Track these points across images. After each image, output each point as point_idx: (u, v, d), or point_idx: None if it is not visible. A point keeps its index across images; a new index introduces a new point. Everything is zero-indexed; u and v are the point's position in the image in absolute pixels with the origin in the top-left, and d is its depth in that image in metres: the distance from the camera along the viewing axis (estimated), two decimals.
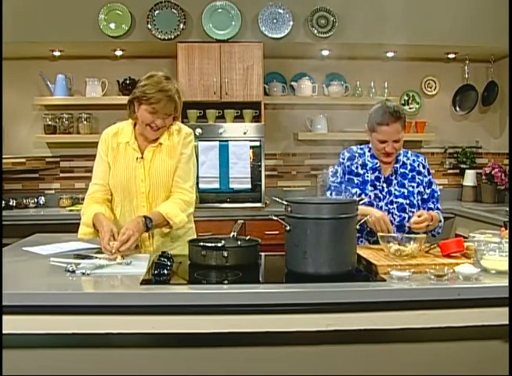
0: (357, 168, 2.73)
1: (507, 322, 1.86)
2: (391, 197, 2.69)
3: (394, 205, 2.68)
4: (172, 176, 2.50)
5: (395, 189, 2.69)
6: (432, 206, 2.74)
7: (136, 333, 1.85)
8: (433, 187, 2.77)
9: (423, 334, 1.93)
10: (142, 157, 2.48)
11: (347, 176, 2.74)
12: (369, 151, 2.75)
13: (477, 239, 2.33)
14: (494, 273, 2.04)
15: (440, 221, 2.71)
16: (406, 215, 2.67)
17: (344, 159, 2.78)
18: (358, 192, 2.67)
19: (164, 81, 2.38)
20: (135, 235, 2.27)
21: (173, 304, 1.84)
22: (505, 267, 2.02)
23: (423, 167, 2.76)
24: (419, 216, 2.52)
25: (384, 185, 2.70)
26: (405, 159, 2.75)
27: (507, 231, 2.42)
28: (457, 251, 2.22)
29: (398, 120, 2.59)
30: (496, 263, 2.05)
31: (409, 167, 2.73)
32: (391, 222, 2.64)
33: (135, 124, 2.53)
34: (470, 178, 4.88)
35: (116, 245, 2.22)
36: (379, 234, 2.38)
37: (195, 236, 2.66)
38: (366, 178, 2.71)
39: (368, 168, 2.72)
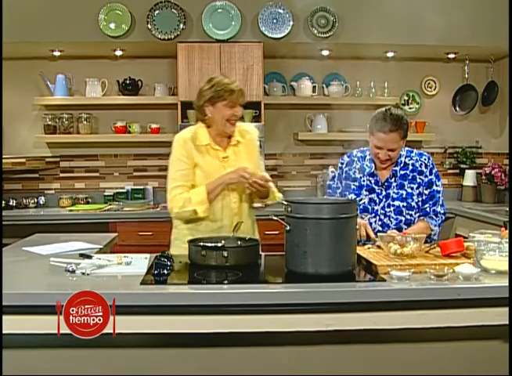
0: (354, 172, 2.72)
1: (507, 322, 1.86)
2: (388, 200, 2.65)
3: (391, 208, 2.64)
4: (254, 170, 2.66)
5: (393, 192, 2.66)
6: (428, 209, 2.66)
7: (136, 333, 1.85)
8: (433, 188, 2.67)
9: (423, 334, 1.94)
10: (227, 156, 2.65)
11: (344, 182, 2.73)
12: (369, 154, 2.71)
13: (477, 239, 2.32)
14: (494, 273, 2.04)
15: (432, 229, 2.65)
16: (403, 218, 2.64)
17: (343, 164, 2.77)
18: (354, 197, 2.64)
19: (225, 78, 2.63)
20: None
21: (173, 304, 1.84)
22: (505, 267, 2.02)
23: (426, 166, 2.68)
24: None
25: (383, 188, 2.67)
26: (407, 160, 2.68)
27: (507, 231, 2.42)
28: (457, 251, 2.22)
29: (397, 130, 2.53)
30: (496, 263, 2.05)
31: (410, 167, 2.68)
32: (388, 225, 2.64)
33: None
34: (470, 178, 4.88)
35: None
36: (379, 234, 2.39)
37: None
38: (362, 182, 2.69)
39: (365, 172, 2.69)
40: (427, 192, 2.67)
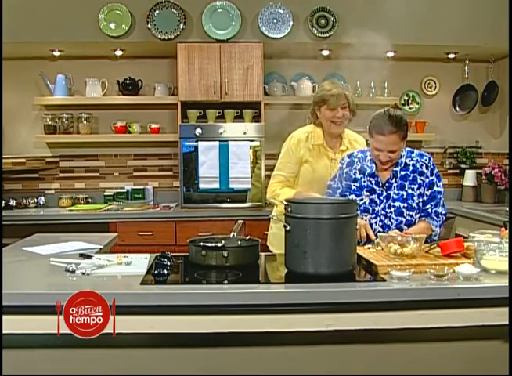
0: (355, 173, 2.71)
1: (507, 322, 1.86)
2: (389, 201, 2.65)
3: (392, 209, 2.64)
4: None
5: (394, 193, 2.65)
6: (430, 211, 2.65)
7: (136, 333, 1.85)
8: (434, 189, 2.66)
9: (423, 334, 1.94)
10: (336, 159, 2.98)
11: (345, 183, 2.73)
12: (370, 155, 2.70)
13: (477, 239, 2.32)
14: (494, 273, 2.04)
15: (433, 230, 2.64)
16: (404, 219, 2.63)
17: (343, 164, 2.77)
18: (354, 198, 2.63)
19: (330, 84, 3.04)
20: None
21: (173, 304, 1.84)
22: (505, 267, 2.02)
23: (427, 167, 2.66)
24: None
25: (383, 189, 2.67)
26: (407, 160, 2.67)
27: (507, 231, 2.42)
28: (457, 251, 2.22)
29: (397, 131, 2.51)
30: (496, 263, 2.05)
31: (411, 168, 2.66)
32: (389, 226, 2.63)
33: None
34: (470, 178, 4.88)
35: None
36: (379, 234, 2.38)
37: None
38: (363, 183, 2.68)
39: (366, 173, 2.69)
40: (428, 193, 2.67)
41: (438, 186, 2.68)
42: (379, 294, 1.89)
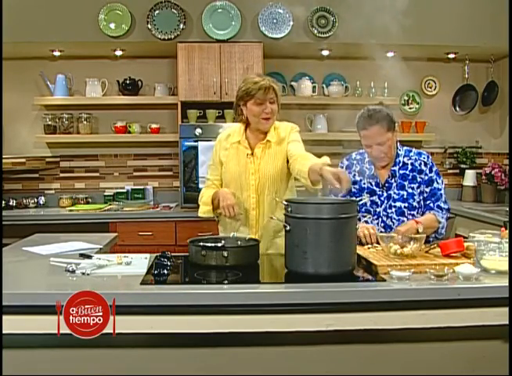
0: (354, 175, 2.72)
1: (507, 322, 1.86)
2: (390, 202, 2.65)
3: (393, 209, 2.65)
4: (279, 171, 2.69)
5: (394, 193, 2.66)
6: (432, 205, 2.67)
7: (136, 333, 1.85)
8: (434, 185, 2.68)
9: (423, 334, 1.93)
10: (252, 154, 2.70)
11: None
12: (368, 156, 2.72)
13: (477, 239, 2.33)
14: (494, 273, 2.04)
15: (439, 222, 2.64)
16: (405, 219, 2.63)
17: (342, 167, 2.78)
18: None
19: (257, 77, 2.69)
20: None
21: (173, 304, 1.84)
22: (505, 267, 2.02)
23: (425, 165, 2.68)
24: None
25: (384, 189, 2.67)
26: (405, 159, 2.69)
27: (507, 231, 2.42)
28: (457, 251, 2.22)
29: (378, 123, 2.56)
30: (496, 263, 2.05)
31: (409, 167, 2.68)
32: (390, 227, 2.63)
33: (246, 126, 2.74)
34: (470, 178, 4.88)
35: None
36: (379, 234, 2.38)
37: None
38: (363, 185, 2.69)
39: (365, 175, 2.70)
40: (427, 189, 2.68)
41: (437, 183, 2.70)
42: (379, 294, 1.89)
